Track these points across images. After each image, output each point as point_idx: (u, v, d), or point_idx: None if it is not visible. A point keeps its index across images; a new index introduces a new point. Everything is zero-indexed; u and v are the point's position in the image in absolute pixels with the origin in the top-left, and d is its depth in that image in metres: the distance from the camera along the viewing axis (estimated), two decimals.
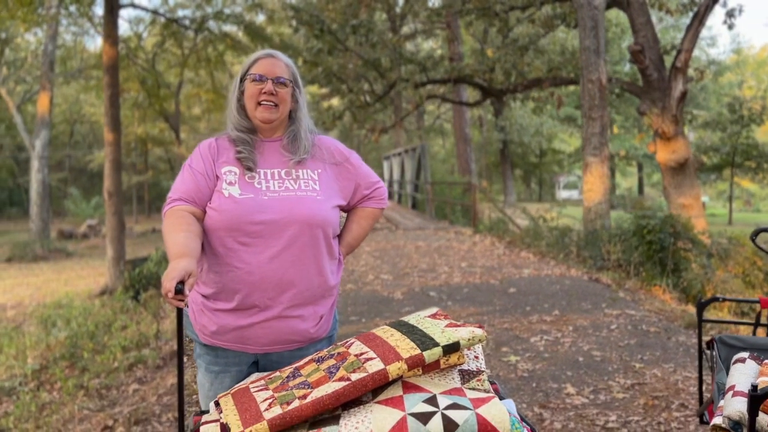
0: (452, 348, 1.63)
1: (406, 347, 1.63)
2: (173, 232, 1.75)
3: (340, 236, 2.08)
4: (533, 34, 19.55)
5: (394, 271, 8.66)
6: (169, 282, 1.54)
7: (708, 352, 2.89)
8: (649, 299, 6.92)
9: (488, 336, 5.41)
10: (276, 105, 1.92)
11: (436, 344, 1.62)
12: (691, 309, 6.67)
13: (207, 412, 1.78)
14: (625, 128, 34.80)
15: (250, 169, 1.88)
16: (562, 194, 41.35)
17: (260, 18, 27.52)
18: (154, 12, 23.37)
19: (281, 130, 2.00)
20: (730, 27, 15.20)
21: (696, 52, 38.60)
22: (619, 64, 28.09)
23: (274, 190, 1.87)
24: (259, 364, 1.95)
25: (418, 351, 1.60)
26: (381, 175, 35.82)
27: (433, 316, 1.87)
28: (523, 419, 1.89)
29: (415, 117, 37.44)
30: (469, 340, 1.65)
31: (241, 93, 1.96)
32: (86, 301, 12.40)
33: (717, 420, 2.48)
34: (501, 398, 1.85)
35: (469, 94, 25.03)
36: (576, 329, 5.52)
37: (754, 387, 1.84)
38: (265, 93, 1.90)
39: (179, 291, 1.56)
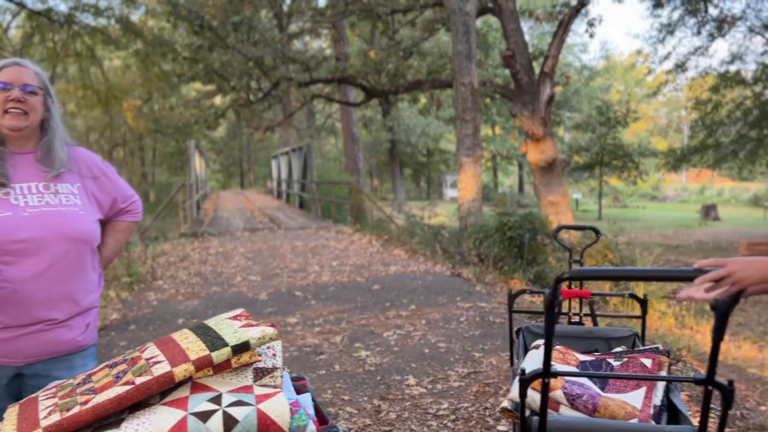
0: (242, 347, 1.68)
1: (196, 349, 1.68)
2: None
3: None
4: (417, 37, 20.05)
5: (264, 272, 8.65)
6: None
7: (517, 340, 3.13)
8: (503, 292, 7.32)
9: (344, 332, 5.55)
10: (25, 113, 1.86)
11: (226, 344, 1.68)
12: (539, 300, 7.13)
13: None
14: (506, 129, 36.36)
15: (3, 185, 1.82)
16: (450, 193, 42.60)
17: (140, 12, 26.46)
18: (19, 4, 21.84)
19: (34, 142, 1.94)
20: (591, 36, 16.27)
21: (570, 58, 40.99)
22: (499, 68, 29.33)
23: (34, 205, 1.83)
24: (24, 376, 1.92)
25: (207, 352, 1.64)
26: (269, 174, 35.42)
27: (234, 317, 1.93)
28: (320, 411, 1.99)
29: (306, 116, 37.30)
30: (259, 339, 1.72)
31: None
32: None
33: (504, 403, 2.71)
34: (305, 393, 1.95)
35: (356, 94, 25.27)
36: (428, 322, 5.77)
37: (522, 371, 2.02)
38: (12, 100, 1.83)
39: None
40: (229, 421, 1.51)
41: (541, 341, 2.81)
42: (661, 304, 8.67)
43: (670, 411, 2.22)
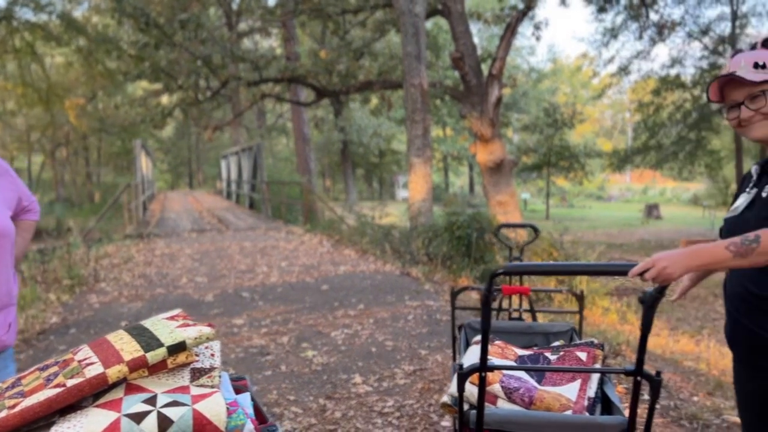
0: (178, 348, 1.66)
1: (131, 350, 1.64)
2: None
3: None
4: (368, 37, 20.08)
5: (211, 274, 8.52)
6: None
7: (459, 336, 3.18)
8: (464, 285, 7.41)
9: (292, 333, 5.52)
10: None
11: (161, 345, 1.65)
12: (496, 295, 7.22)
13: None
14: (456, 130, 36.75)
15: None
16: (402, 193, 42.82)
17: (83, 8, 25.73)
18: None
19: None
20: (538, 38, 16.68)
21: (518, 60, 41.73)
22: (449, 69, 29.64)
23: None
24: None
25: (142, 352, 1.61)
26: (219, 175, 34.90)
27: (171, 317, 1.90)
28: (259, 411, 1.98)
29: (256, 115, 36.91)
30: (196, 339, 1.70)
31: None
32: None
33: (445, 398, 2.74)
34: (245, 393, 1.93)
35: (307, 94, 25.15)
36: (376, 321, 5.79)
37: (460, 366, 2.05)
38: None
39: None
40: (164, 422, 1.49)
41: (480, 337, 2.85)
42: (604, 300, 8.92)
43: (603, 402, 2.29)
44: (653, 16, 19.98)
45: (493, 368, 1.96)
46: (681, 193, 43.39)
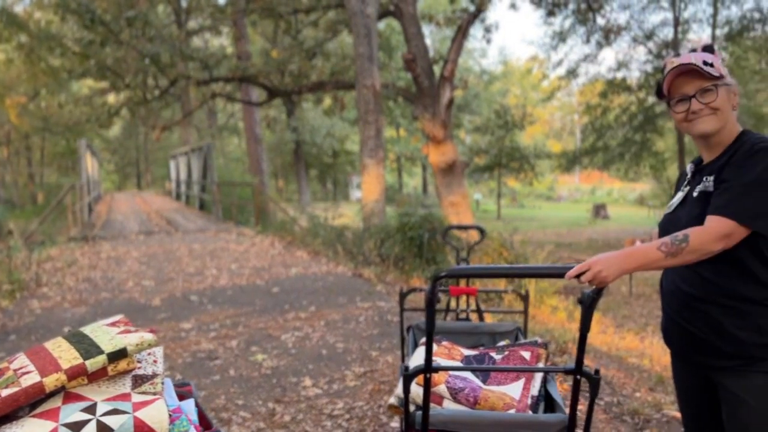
0: (119, 355, 1.62)
1: (69, 357, 1.60)
2: None
3: None
4: (320, 37, 19.99)
5: (158, 277, 8.34)
6: None
7: (407, 337, 3.19)
8: (412, 287, 7.43)
9: (241, 336, 5.45)
10: None
11: (101, 352, 1.61)
12: (444, 296, 7.28)
13: None
14: (410, 131, 36.92)
15: None
16: (356, 193, 42.81)
17: (25, 3, 24.86)
18: None
19: None
20: (488, 41, 16.88)
21: (470, 62, 42.22)
22: (402, 71, 29.76)
23: None
24: None
25: (81, 360, 1.58)
26: (168, 175, 34.23)
27: (113, 323, 1.85)
28: (204, 416, 1.94)
29: (207, 114, 36.34)
30: (137, 345, 1.67)
31: None
32: None
33: (392, 400, 2.75)
34: (189, 399, 1.89)
35: (259, 93, 24.90)
36: (327, 323, 5.77)
37: (405, 367, 2.06)
38: None
39: None
40: (104, 431, 1.47)
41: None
42: (552, 299, 9.08)
43: (547, 400, 2.33)
44: (600, 21, 20.49)
45: (437, 369, 1.98)
46: (627, 193, 44.60)
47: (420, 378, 2.15)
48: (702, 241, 1.66)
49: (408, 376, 1.99)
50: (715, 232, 1.66)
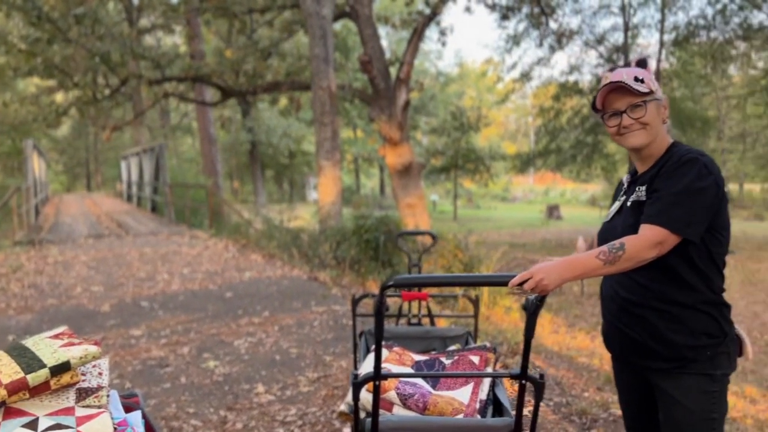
0: (62, 368, 1.60)
1: (10, 372, 1.57)
2: None
3: None
4: (276, 37, 19.81)
5: (107, 282, 8.14)
6: None
7: (360, 343, 3.19)
8: (358, 294, 7.43)
9: (193, 343, 5.37)
10: None
11: (44, 366, 1.58)
12: (396, 301, 7.29)
13: None
14: (367, 132, 36.94)
15: None
16: (313, 195, 42.58)
17: None
18: None
19: None
20: (444, 44, 16.99)
21: (426, 64, 42.50)
22: (360, 72, 29.78)
23: None
24: None
25: (22, 374, 1.55)
26: (119, 176, 33.46)
27: (56, 336, 1.81)
28: (151, 428, 1.91)
29: (159, 114, 35.67)
30: (81, 358, 1.64)
31: None
32: None
33: (342, 407, 2.75)
34: (137, 410, 1.86)
35: (213, 93, 24.57)
36: (281, 328, 5.73)
37: (355, 375, 2.06)
38: None
39: None
40: None
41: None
42: (506, 299, 9.22)
43: (495, 404, 2.36)
44: (553, 25, 20.88)
45: (386, 377, 2.00)
46: (580, 194, 45.54)
47: (370, 385, 2.17)
48: (637, 248, 1.72)
49: (357, 384, 2.00)
50: (649, 240, 1.73)
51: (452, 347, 3.06)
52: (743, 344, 1.94)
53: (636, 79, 1.87)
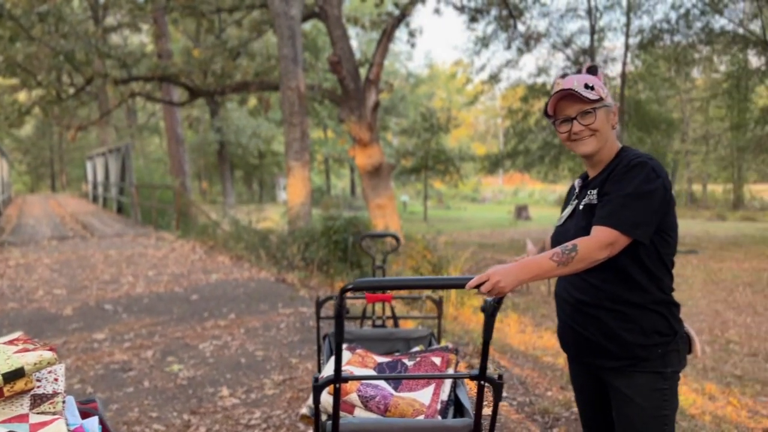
0: (15, 375, 1.57)
1: None
2: None
3: None
4: (245, 37, 19.64)
5: (71, 285, 7.99)
6: None
7: (324, 345, 3.19)
8: (326, 295, 7.41)
9: (157, 346, 5.30)
10: None
11: None
12: (361, 302, 7.29)
13: None
14: (337, 132, 36.88)
15: None
16: (283, 195, 42.36)
17: None
18: None
19: None
20: (413, 46, 17.05)
21: (397, 65, 42.59)
22: (330, 72, 29.68)
23: None
24: None
25: None
26: (85, 177, 32.86)
27: (10, 341, 1.78)
28: None
29: (126, 113, 35.13)
30: (36, 364, 1.61)
31: None
32: None
33: (304, 410, 2.75)
34: (94, 416, 1.83)
35: (180, 93, 24.28)
36: (248, 331, 5.69)
37: (315, 378, 2.06)
38: None
39: None
40: None
41: (344, 346, 2.90)
42: (474, 300, 9.29)
43: (456, 405, 2.38)
44: (521, 28, 21.10)
45: (346, 379, 2.01)
46: (548, 194, 46.08)
47: (331, 387, 2.17)
48: (589, 249, 1.76)
49: (317, 387, 2.01)
50: (600, 241, 1.77)
51: (416, 348, 3.08)
52: (692, 342, 1.99)
53: (586, 86, 1.91)
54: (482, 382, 1.93)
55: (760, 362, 6.84)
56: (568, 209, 2.09)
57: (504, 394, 4.31)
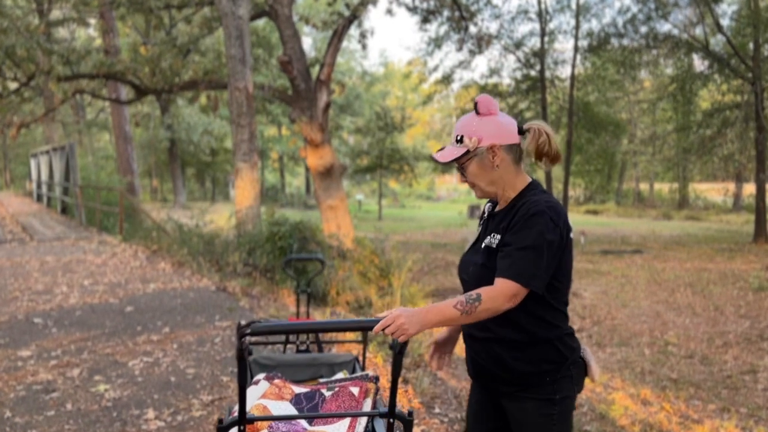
0: None
1: None
2: None
3: None
4: (195, 34, 19.22)
5: (0, 296, 7.67)
6: None
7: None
8: (270, 305, 7.30)
9: (85, 364, 5.11)
10: None
11: None
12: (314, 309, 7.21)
13: None
14: (291, 130, 36.58)
15: None
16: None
17: None
18: None
19: None
20: (364, 47, 16.95)
21: (352, 63, 42.46)
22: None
23: None
24: None
25: None
26: (29, 175, 31.77)
27: None
28: None
29: (74, 109, 34.13)
30: None
31: None
32: None
33: None
34: None
35: (128, 91, 23.67)
36: (180, 346, 5.54)
37: (220, 420, 1.99)
38: None
39: None
40: None
41: (261, 375, 2.83)
42: (422, 303, 9.30)
43: None
44: (472, 29, 21.21)
45: (252, 420, 1.97)
46: None
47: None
48: (492, 300, 1.81)
49: (222, 429, 1.95)
50: (503, 294, 1.82)
51: (339, 374, 3.02)
52: (588, 367, 2.03)
53: (457, 140, 1.96)
54: (391, 420, 1.91)
55: (696, 364, 7.02)
56: (475, 236, 2.14)
57: (436, 410, 4.29)
